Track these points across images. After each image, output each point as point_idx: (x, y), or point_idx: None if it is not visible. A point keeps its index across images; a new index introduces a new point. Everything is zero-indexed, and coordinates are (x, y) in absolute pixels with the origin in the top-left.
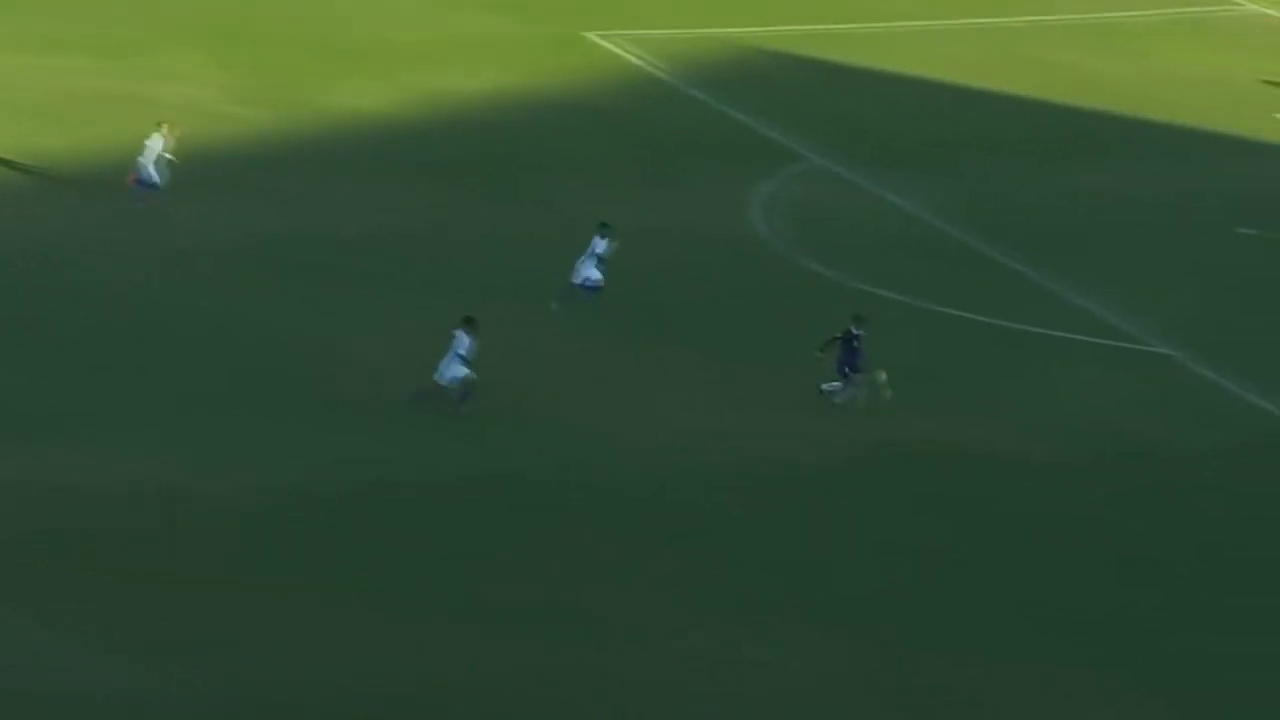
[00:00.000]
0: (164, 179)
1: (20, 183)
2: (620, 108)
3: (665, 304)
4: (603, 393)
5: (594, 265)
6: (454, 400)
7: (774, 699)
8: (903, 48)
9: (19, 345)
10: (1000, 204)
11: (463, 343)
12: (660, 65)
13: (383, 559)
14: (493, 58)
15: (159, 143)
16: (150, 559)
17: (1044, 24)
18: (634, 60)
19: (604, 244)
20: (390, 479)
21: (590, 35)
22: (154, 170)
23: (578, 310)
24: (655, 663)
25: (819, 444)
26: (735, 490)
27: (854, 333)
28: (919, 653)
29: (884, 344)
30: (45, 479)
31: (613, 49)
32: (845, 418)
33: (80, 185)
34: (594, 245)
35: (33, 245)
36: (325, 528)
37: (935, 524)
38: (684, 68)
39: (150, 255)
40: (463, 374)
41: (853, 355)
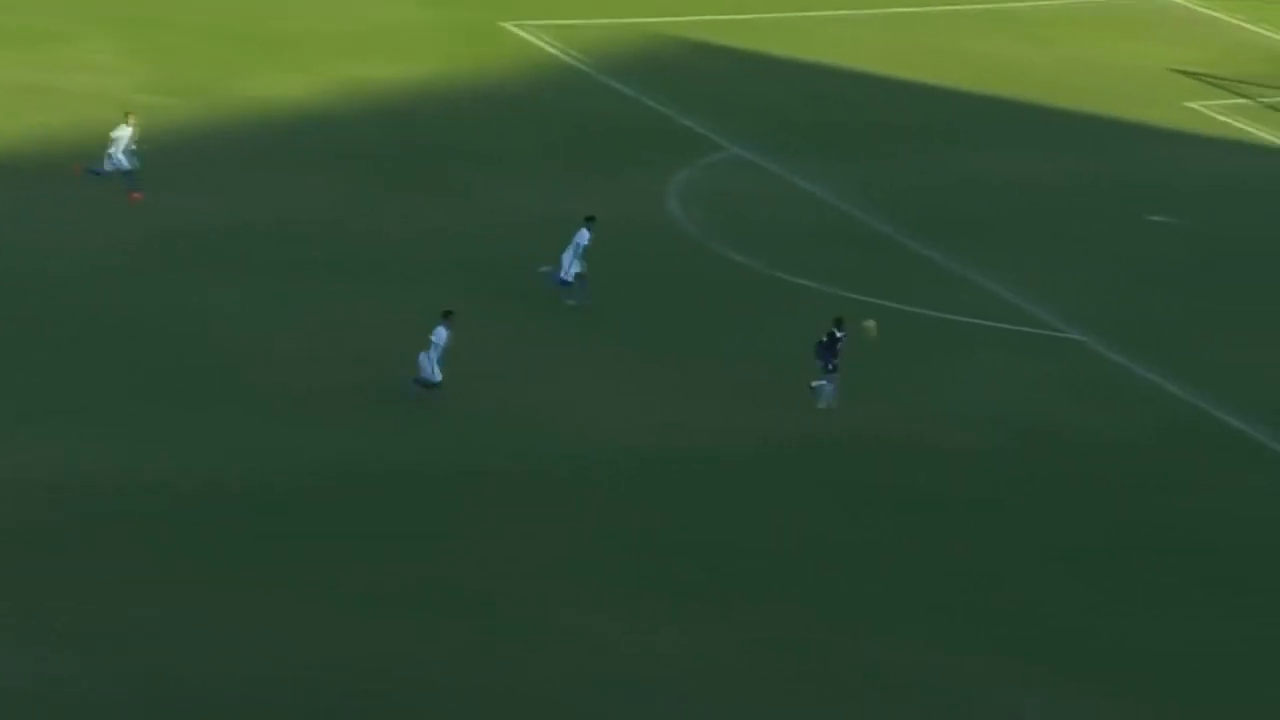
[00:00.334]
0: (134, 167)
1: None
2: (538, 97)
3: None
4: (517, 380)
5: (577, 258)
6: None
7: (676, 682)
8: (816, 36)
9: None
10: (912, 191)
11: (440, 335)
12: (577, 54)
13: (299, 546)
14: (410, 47)
15: (126, 132)
16: (72, 549)
17: (955, 12)
18: (550, 50)
19: (587, 236)
20: (309, 467)
21: (507, 25)
22: (124, 159)
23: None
24: (559, 646)
25: (733, 431)
26: (648, 477)
27: (837, 335)
28: (828, 637)
29: (797, 331)
30: None
31: (529, 38)
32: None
33: None
34: (579, 237)
35: None
36: (243, 516)
37: (847, 509)
38: (600, 57)
39: (64, 247)
40: (437, 374)
41: (832, 353)
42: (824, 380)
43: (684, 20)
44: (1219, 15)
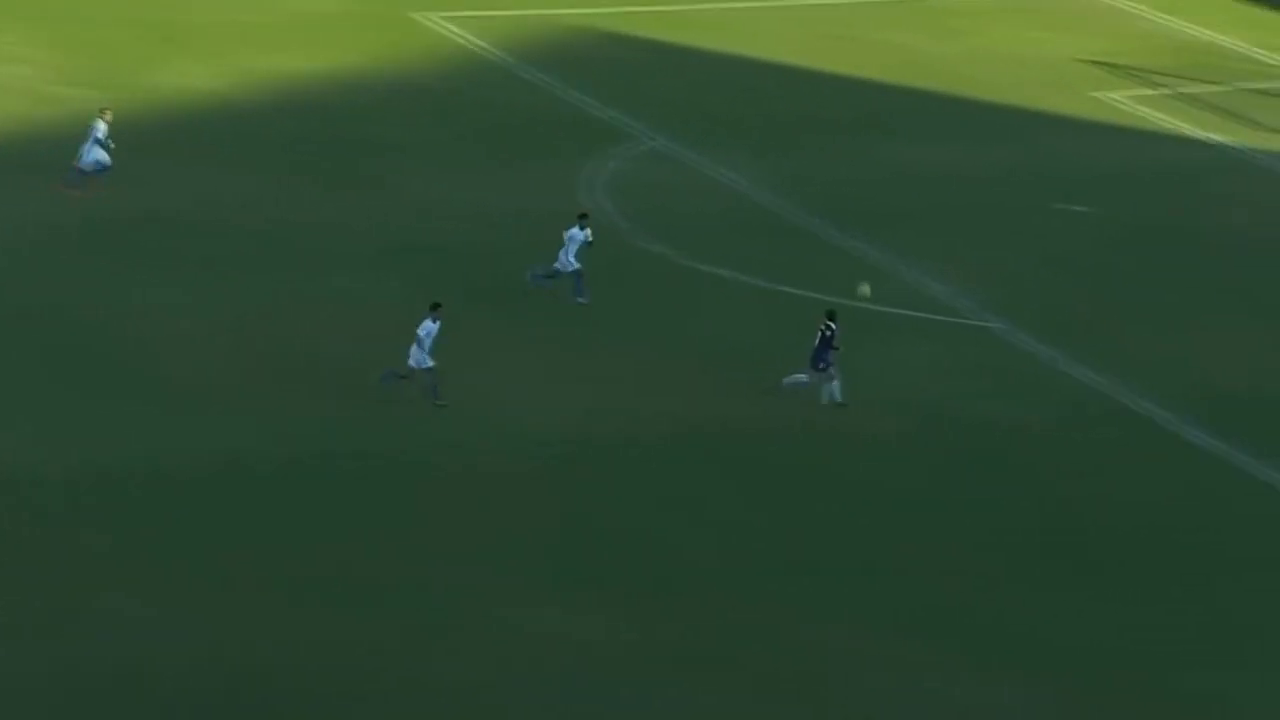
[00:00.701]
0: (98, 166)
1: None
2: (452, 88)
3: (502, 284)
4: (439, 369)
5: (574, 254)
6: (427, 387)
7: (602, 670)
8: (733, 28)
9: None
10: (829, 182)
11: (428, 329)
12: (489, 46)
13: (220, 537)
14: (323, 38)
15: (102, 128)
16: None
17: (867, 3)
18: (462, 41)
19: (582, 234)
20: (228, 458)
21: (418, 16)
22: (100, 154)
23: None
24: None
25: (651, 420)
26: (570, 465)
27: (833, 329)
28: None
29: (718, 322)
30: None
31: (441, 30)
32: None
33: None
34: (573, 236)
35: None
36: (162, 507)
37: (765, 497)
38: (513, 48)
39: None
40: (429, 361)
41: (826, 350)
42: (802, 375)
43: (599, 12)
44: (1124, 6)
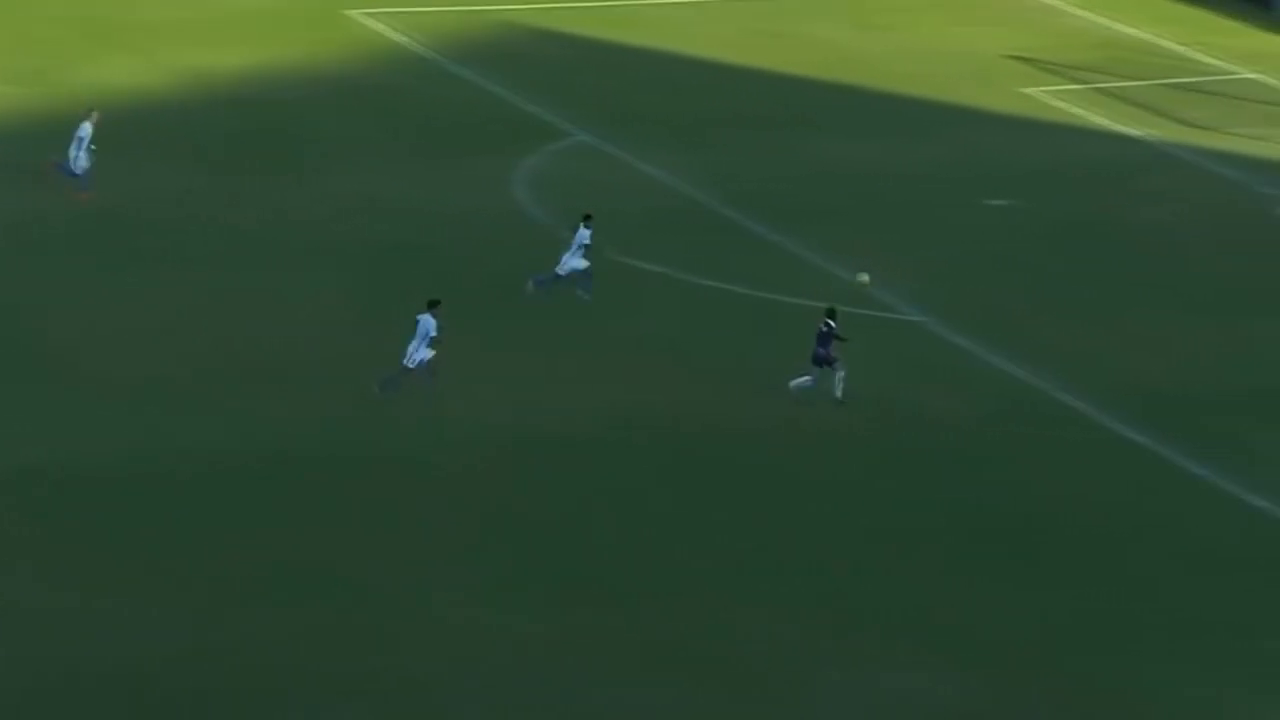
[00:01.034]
0: (87, 167)
1: None
2: (382, 84)
3: (431, 281)
4: (369, 367)
5: (580, 255)
6: (424, 382)
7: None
8: (660, 24)
9: None
10: (757, 178)
11: (428, 325)
12: (420, 41)
13: (163, 533)
14: (252, 35)
15: (88, 130)
16: None
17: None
18: (393, 36)
19: (587, 234)
20: (166, 455)
21: (349, 12)
22: (85, 157)
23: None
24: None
25: (582, 416)
26: (505, 461)
27: (833, 326)
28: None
29: (645, 318)
30: None
31: (372, 25)
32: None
33: None
34: (579, 236)
35: None
36: (98, 503)
37: (693, 492)
38: (444, 44)
39: None
40: (429, 355)
41: (827, 344)
42: (807, 378)
43: (527, 8)
44: (1050, 2)
